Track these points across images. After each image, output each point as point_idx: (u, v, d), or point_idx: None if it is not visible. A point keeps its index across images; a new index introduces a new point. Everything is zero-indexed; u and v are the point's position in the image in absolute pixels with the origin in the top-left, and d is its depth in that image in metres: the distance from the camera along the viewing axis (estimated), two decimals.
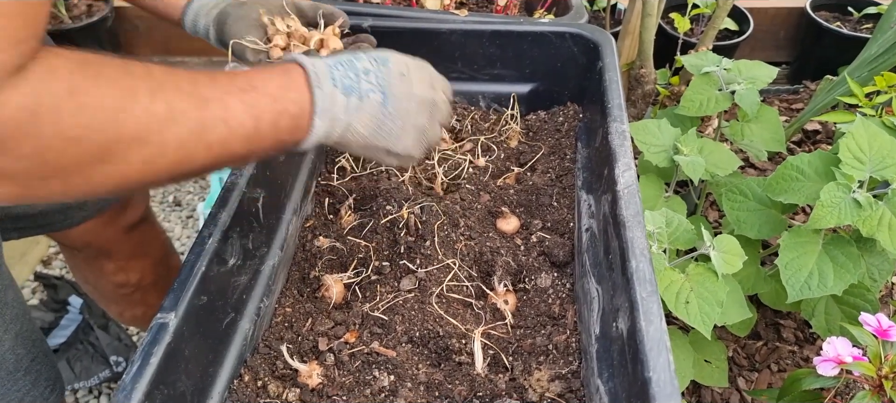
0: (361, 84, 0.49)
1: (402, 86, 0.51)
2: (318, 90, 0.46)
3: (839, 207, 0.75)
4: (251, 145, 0.44)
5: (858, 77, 1.07)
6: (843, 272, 0.78)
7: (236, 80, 0.44)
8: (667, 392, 0.42)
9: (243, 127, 0.43)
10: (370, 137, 0.50)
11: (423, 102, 0.53)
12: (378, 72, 0.50)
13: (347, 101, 0.48)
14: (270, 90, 0.45)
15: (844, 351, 0.67)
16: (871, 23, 1.81)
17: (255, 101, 0.43)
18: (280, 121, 0.45)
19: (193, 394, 0.53)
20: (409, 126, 0.52)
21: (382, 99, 0.49)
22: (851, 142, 0.78)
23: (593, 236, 0.66)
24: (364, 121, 0.49)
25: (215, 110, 0.41)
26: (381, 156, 0.52)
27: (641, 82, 1.29)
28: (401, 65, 0.52)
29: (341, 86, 0.47)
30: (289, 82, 0.46)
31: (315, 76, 0.47)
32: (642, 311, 0.47)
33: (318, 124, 0.46)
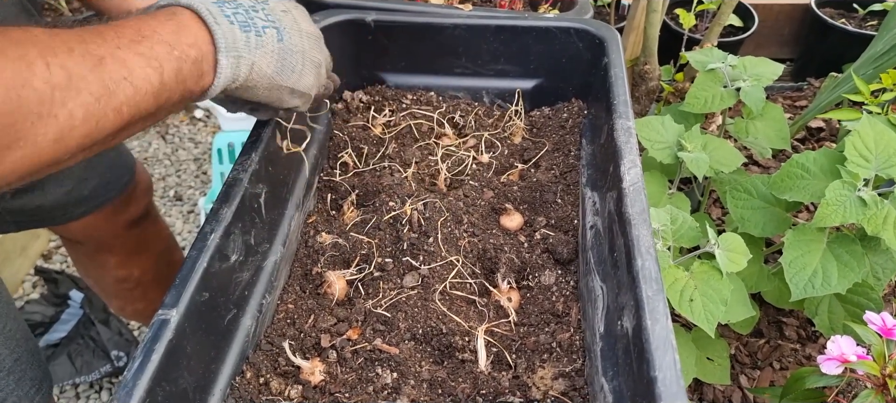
0: (255, 20, 0.46)
1: (290, 22, 0.49)
2: (217, 27, 0.44)
3: (844, 205, 0.75)
4: (159, 99, 0.40)
5: (864, 74, 1.06)
6: (848, 270, 0.78)
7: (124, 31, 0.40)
8: (672, 391, 0.42)
9: (148, 82, 0.39)
10: (275, 76, 0.48)
11: (313, 37, 0.52)
12: (264, 8, 0.48)
13: (247, 38, 0.45)
14: (164, 36, 0.41)
15: (849, 350, 0.67)
16: (876, 19, 1.80)
17: (152, 52, 0.40)
18: (182, 68, 0.42)
19: (195, 391, 0.52)
20: (307, 61, 0.50)
21: (277, 34, 0.48)
22: (857, 140, 0.78)
23: (598, 233, 0.65)
24: (266, 58, 0.47)
25: (114, 69, 0.38)
26: (284, 96, 0.51)
27: (646, 78, 1.29)
28: (281, 2, 0.51)
29: (237, 22, 0.45)
30: (179, 25, 0.43)
31: (208, 13, 0.44)
32: (648, 310, 0.46)
33: (224, 63, 0.44)
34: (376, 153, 0.83)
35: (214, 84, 0.44)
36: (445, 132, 0.86)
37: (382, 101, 0.89)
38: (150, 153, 1.84)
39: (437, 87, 0.91)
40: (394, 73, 0.91)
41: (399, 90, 0.90)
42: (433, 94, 0.90)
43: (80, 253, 1.00)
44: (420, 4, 0.96)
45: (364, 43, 0.87)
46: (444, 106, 0.89)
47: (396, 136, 0.86)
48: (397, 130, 0.86)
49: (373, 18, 0.85)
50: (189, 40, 0.42)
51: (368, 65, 0.89)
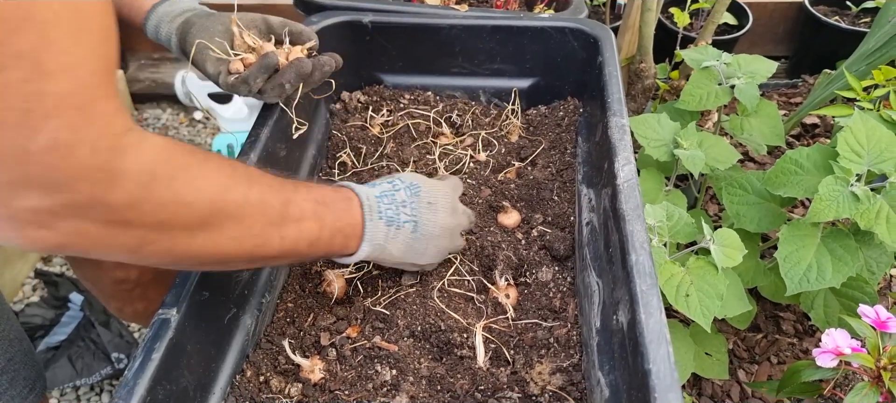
0: (400, 215, 0.57)
1: (430, 215, 0.60)
2: (370, 221, 0.55)
3: (837, 201, 0.75)
4: (311, 249, 0.51)
5: (856, 71, 1.07)
6: (842, 265, 0.78)
7: (313, 192, 0.52)
8: (666, 383, 0.42)
9: (311, 231, 0.50)
10: (400, 257, 0.58)
11: (446, 228, 0.61)
12: (412, 203, 0.59)
13: (387, 231, 0.56)
14: (336, 209, 0.53)
15: (843, 343, 0.68)
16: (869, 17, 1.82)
17: (324, 214, 0.51)
18: (336, 237, 0.53)
19: (195, 390, 0.53)
20: (432, 247, 0.60)
21: (413, 227, 0.58)
22: (849, 136, 0.78)
23: (594, 230, 0.66)
24: (397, 246, 0.57)
25: (294, 210, 0.49)
26: (406, 266, 0.62)
27: (641, 77, 1.29)
28: (430, 194, 0.60)
29: (385, 217, 0.56)
30: (349, 207, 0.55)
31: (368, 208, 0.55)
32: (642, 304, 0.47)
33: (365, 248, 0.55)
34: (374, 152, 0.84)
35: (352, 258, 0.56)
36: (443, 131, 0.87)
37: (380, 101, 0.90)
38: None
39: (434, 87, 0.91)
40: (391, 74, 0.91)
41: (397, 90, 0.91)
42: (430, 94, 0.91)
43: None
44: (417, 5, 0.97)
45: (362, 44, 0.87)
46: (441, 105, 0.90)
47: (394, 136, 0.86)
48: (395, 130, 0.87)
49: (370, 19, 0.85)
50: (350, 221, 0.54)
51: (366, 65, 0.90)
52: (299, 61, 0.65)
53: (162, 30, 0.68)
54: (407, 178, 0.61)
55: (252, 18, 0.68)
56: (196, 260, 0.44)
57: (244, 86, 0.64)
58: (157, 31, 0.68)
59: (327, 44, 0.82)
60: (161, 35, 0.68)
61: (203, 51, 0.64)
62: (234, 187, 0.44)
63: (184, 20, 0.67)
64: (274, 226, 0.47)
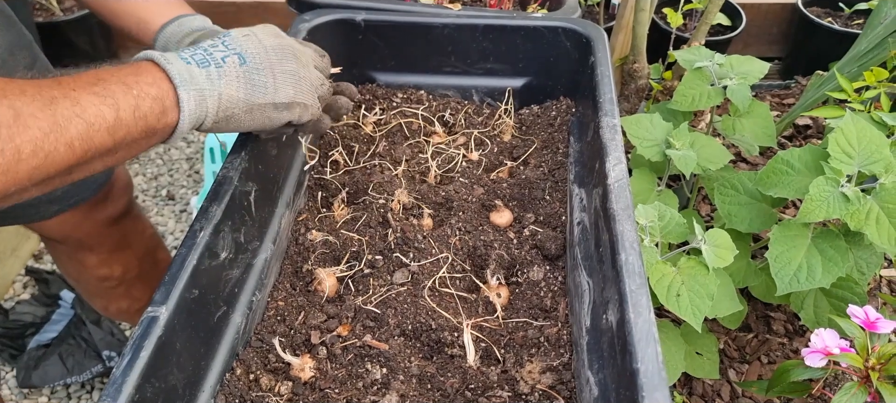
0: (214, 54, 0.49)
1: (252, 43, 0.52)
2: (170, 66, 0.47)
3: (828, 201, 0.76)
4: (116, 135, 0.43)
5: (848, 72, 1.08)
6: (832, 265, 0.79)
7: (81, 78, 0.43)
8: (654, 382, 0.42)
9: (102, 118, 0.42)
10: (247, 97, 0.50)
11: (280, 49, 0.53)
12: (224, 40, 0.51)
13: (208, 73, 0.48)
14: (121, 78, 0.44)
15: (832, 343, 0.68)
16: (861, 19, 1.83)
17: (107, 91, 0.43)
18: (141, 104, 0.44)
19: (185, 388, 0.53)
20: (279, 73, 0.52)
21: (239, 59, 0.50)
22: (840, 137, 0.79)
23: (585, 229, 0.66)
24: (233, 84, 0.49)
25: (66, 107, 0.40)
26: (270, 113, 0.52)
27: (634, 77, 1.30)
28: (243, 30, 0.54)
29: (194, 61, 0.48)
30: (138, 70, 0.46)
31: (163, 58, 0.47)
32: (631, 303, 0.47)
33: (185, 97, 0.46)
34: (367, 151, 0.83)
35: (181, 119, 0.47)
36: (435, 130, 0.87)
37: (373, 100, 0.90)
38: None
39: (427, 86, 0.91)
40: (384, 72, 0.91)
41: (389, 89, 0.91)
42: (423, 93, 0.91)
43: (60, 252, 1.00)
44: (409, 4, 0.97)
45: (354, 42, 0.87)
46: (434, 104, 0.90)
47: (387, 135, 0.86)
48: (388, 128, 0.86)
49: (363, 18, 0.85)
50: (148, 80, 0.45)
51: (359, 64, 0.89)
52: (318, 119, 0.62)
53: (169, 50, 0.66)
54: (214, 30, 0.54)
55: None
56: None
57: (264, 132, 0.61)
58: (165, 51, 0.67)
59: (320, 42, 0.82)
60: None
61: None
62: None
63: (191, 42, 0.66)
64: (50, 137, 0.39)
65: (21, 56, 0.77)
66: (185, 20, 0.67)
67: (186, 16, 0.68)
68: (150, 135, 0.46)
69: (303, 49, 0.57)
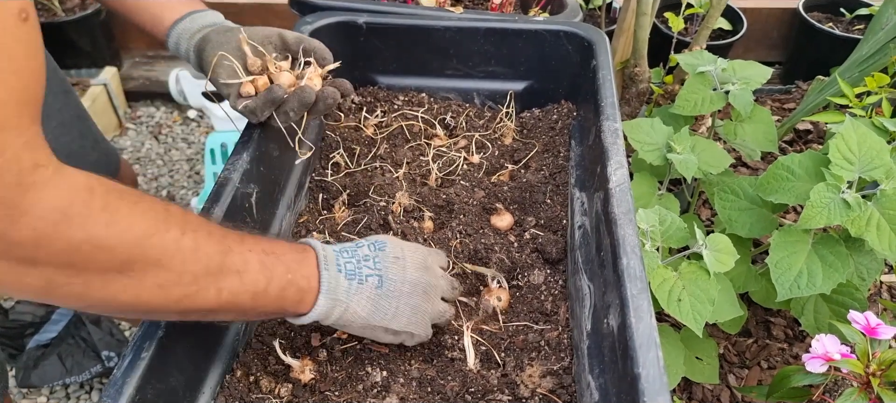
0: (362, 269, 0.54)
1: (397, 270, 0.55)
2: (326, 272, 0.51)
3: (829, 207, 0.76)
4: (256, 302, 0.47)
5: (849, 77, 1.08)
6: (832, 271, 0.79)
7: (261, 243, 0.49)
8: (655, 387, 0.42)
9: (255, 284, 0.46)
10: (367, 317, 0.53)
11: (417, 283, 0.56)
12: (376, 257, 0.55)
13: (349, 285, 0.52)
14: (286, 260, 0.49)
15: (833, 349, 0.68)
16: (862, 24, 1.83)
17: (272, 265, 0.48)
18: (288, 290, 0.49)
19: (185, 389, 0.53)
20: (403, 305, 0.55)
21: (378, 282, 0.54)
22: (841, 143, 0.79)
23: (586, 233, 0.66)
24: (362, 302, 0.53)
25: (235, 261, 0.45)
26: (380, 334, 0.56)
27: (636, 81, 1.30)
28: (396, 249, 0.57)
29: (345, 271, 0.53)
30: (303, 259, 0.51)
31: (324, 260, 0.52)
32: (632, 308, 0.47)
33: (322, 302, 0.51)
34: (368, 153, 0.84)
35: (308, 314, 0.51)
36: (437, 133, 0.87)
37: (374, 102, 0.90)
38: (142, 153, 1.84)
39: (428, 89, 0.91)
40: (386, 75, 0.91)
41: (391, 91, 0.91)
42: (425, 96, 0.91)
43: None
44: (411, 7, 0.97)
45: (356, 44, 0.87)
46: (435, 107, 0.90)
47: (388, 137, 0.86)
48: (389, 131, 0.87)
49: (365, 20, 0.85)
50: (305, 272, 0.50)
51: (360, 66, 0.90)
52: (302, 91, 0.63)
53: (181, 47, 0.67)
54: (373, 237, 0.58)
55: (266, 34, 0.66)
56: (116, 306, 0.41)
57: (252, 116, 0.63)
58: (177, 48, 0.68)
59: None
60: (180, 52, 0.68)
61: (218, 69, 0.63)
62: (162, 232, 0.41)
63: (202, 37, 0.65)
64: (209, 276, 0.44)
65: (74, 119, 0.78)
66: (198, 16, 0.67)
67: (198, 12, 0.68)
68: (280, 313, 0.51)
69: (437, 282, 0.59)
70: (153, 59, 2.05)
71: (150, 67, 2.02)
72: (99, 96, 1.78)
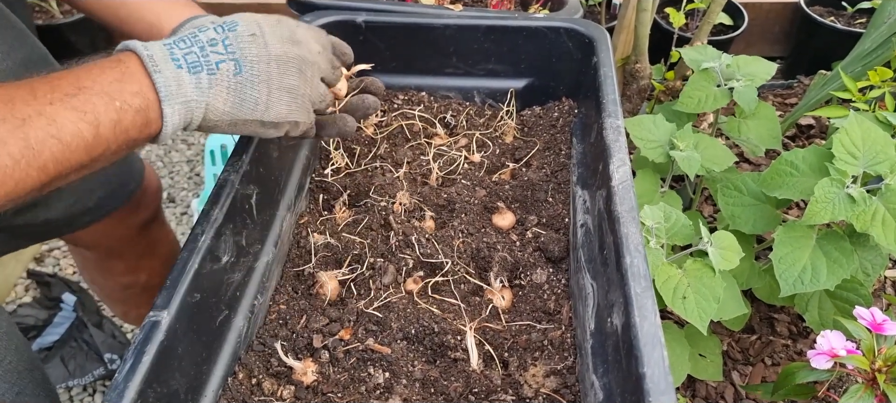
0: (209, 56, 0.44)
1: (256, 48, 0.46)
2: (158, 75, 0.42)
3: (833, 203, 0.75)
4: (93, 152, 0.40)
5: (852, 72, 1.07)
6: (837, 267, 0.78)
7: (60, 85, 0.39)
8: (661, 387, 0.42)
9: (80, 136, 0.39)
10: (233, 111, 0.45)
11: (286, 61, 0.47)
12: (225, 39, 0.46)
13: (198, 80, 0.44)
14: (104, 87, 0.40)
15: (838, 345, 0.68)
16: (864, 18, 1.82)
17: (88, 105, 0.39)
18: (123, 119, 0.41)
19: (187, 392, 0.52)
20: (275, 89, 0.47)
21: (235, 67, 0.45)
22: (845, 138, 0.78)
23: (588, 232, 0.66)
24: (221, 96, 0.45)
25: (40, 126, 0.37)
26: (256, 129, 0.48)
27: (637, 77, 1.29)
28: (252, 25, 0.47)
29: (186, 64, 0.43)
30: (123, 73, 0.42)
31: (151, 60, 0.42)
32: (636, 307, 0.47)
33: (169, 112, 0.42)
34: (368, 153, 0.83)
35: (162, 132, 0.43)
36: (437, 132, 0.87)
37: None
38: (142, 154, 1.83)
39: (428, 87, 0.91)
40: (385, 74, 0.91)
41: (390, 90, 0.91)
42: (424, 94, 0.90)
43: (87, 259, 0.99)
44: (410, 5, 0.96)
45: (355, 44, 0.86)
46: (435, 106, 0.89)
47: (388, 136, 0.86)
48: (389, 130, 0.86)
49: (363, 19, 0.85)
50: (133, 88, 0.41)
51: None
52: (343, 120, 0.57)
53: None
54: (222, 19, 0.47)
55: None
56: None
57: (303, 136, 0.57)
58: None
59: None
60: None
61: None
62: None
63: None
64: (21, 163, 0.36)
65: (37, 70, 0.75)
66: (197, 22, 0.63)
67: (198, 17, 0.64)
68: (130, 146, 0.44)
69: (313, 57, 0.51)
70: None
71: None
72: None
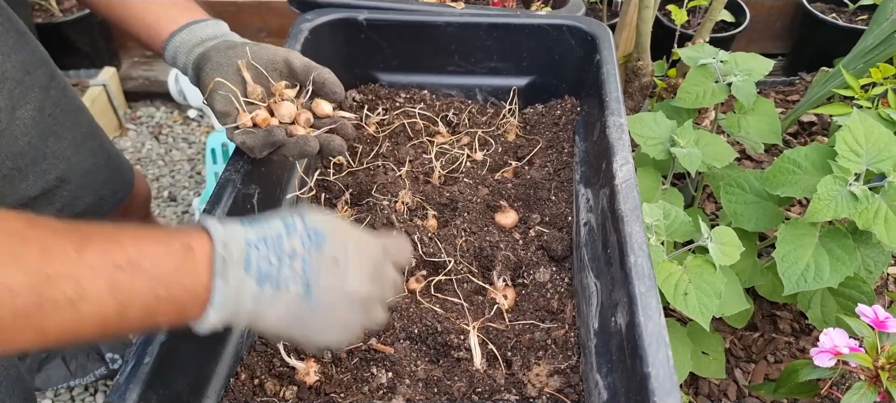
0: (283, 270, 0.41)
1: (333, 278, 0.42)
2: (221, 281, 0.38)
3: (836, 200, 0.75)
4: (106, 331, 0.36)
5: (854, 69, 1.07)
6: (839, 264, 0.78)
7: (114, 252, 0.36)
8: (666, 387, 0.42)
9: (101, 314, 0.35)
10: (283, 329, 0.42)
11: (356, 299, 0.44)
12: (306, 257, 0.41)
13: (260, 292, 0.40)
14: (157, 272, 0.37)
15: (841, 342, 0.67)
16: (866, 14, 1.81)
17: (130, 285, 0.36)
18: (159, 307, 0.37)
19: (189, 393, 0.52)
20: (332, 321, 0.43)
21: (303, 291, 0.41)
22: (848, 135, 0.78)
23: (592, 230, 0.65)
24: (278, 312, 0.40)
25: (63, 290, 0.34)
26: (302, 344, 0.45)
27: (638, 75, 1.29)
28: (338, 247, 0.43)
29: (256, 272, 0.39)
30: (185, 264, 0.38)
31: (222, 261, 0.38)
32: (641, 306, 0.47)
33: (213, 316, 0.38)
34: (370, 152, 0.83)
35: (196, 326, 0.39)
36: (439, 130, 0.86)
37: (376, 100, 0.89)
38: (143, 153, 1.83)
39: (430, 86, 0.90)
40: (387, 72, 0.91)
41: (392, 89, 0.90)
42: (426, 93, 0.90)
43: None
44: (412, 3, 0.96)
45: (357, 41, 0.86)
46: (437, 104, 0.89)
47: (390, 135, 0.86)
48: (391, 129, 0.86)
49: (365, 17, 0.84)
50: (186, 283, 0.38)
51: (361, 63, 0.89)
52: (304, 140, 0.57)
53: (179, 60, 0.63)
54: (313, 220, 0.43)
55: (271, 58, 0.60)
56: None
57: (250, 152, 0.58)
58: (174, 61, 0.63)
59: (322, 41, 0.81)
60: (178, 65, 0.63)
61: (214, 94, 0.58)
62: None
63: (200, 54, 0.61)
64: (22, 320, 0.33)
65: (37, 75, 0.74)
66: (197, 28, 0.63)
67: (198, 22, 0.63)
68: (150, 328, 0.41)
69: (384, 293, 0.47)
70: (152, 59, 2.04)
71: (150, 67, 2.01)
72: (98, 97, 1.77)
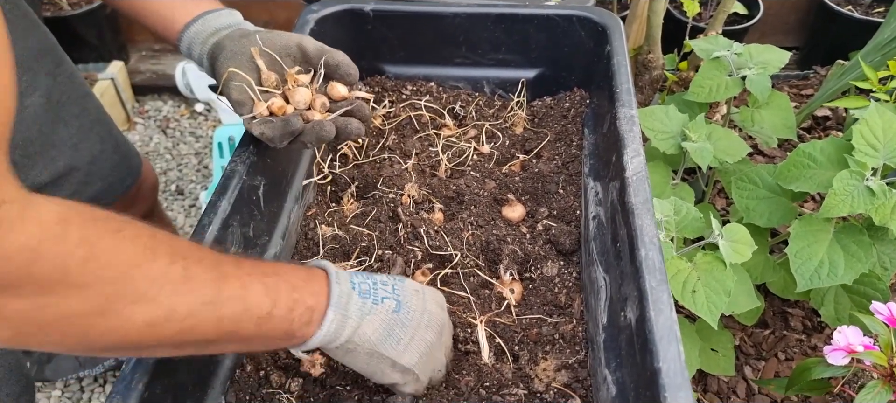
0: (378, 290, 0.50)
1: (417, 300, 0.52)
2: (336, 286, 0.48)
3: (852, 195, 0.74)
4: (261, 328, 0.43)
5: (871, 62, 1.04)
6: (854, 261, 0.77)
7: (260, 265, 0.45)
8: (676, 383, 0.41)
9: (259, 307, 0.43)
10: (378, 343, 0.49)
11: (434, 319, 0.53)
12: (395, 284, 0.52)
13: (362, 303, 0.49)
14: (292, 279, 0.46)
15: (855, 340, 0.66)
16: (883, 6, 1.78)
17: (276, 286, 0.44)
18: (295, 309, 0.45)
19: (195, 385, 0.52)
20: (418, 338, 0.51)
21: (396, 306, 0.50)
22: (865, 129, 0.76)
23: (600, 224, 0.64)
24: (374, 324, 0.49)
25: (233, 287, 0.41)
26: (384, 368, 0.51)
27: (649, 68, 1.27)
28: (416, 285, 0.54)
29: (359, 288, 0.49)
30: (310, 277, 0.47)
31: (335, 276, 0.48)
32: (652, 301, 0.46)
33: (331, 317, 0.47)
34: (376, 144, 0.82)
35: (316, 334, 0.46)
36: (446, 123, 0.85)
37: (382, 92, 0.88)
38: (151, 147, 1.84)
39: (437, 78, 0.90)
40: (393, 64, 0.90)
41: (398, 81, 0.90)
42: (433, 85, 0.89)
43: None
44: None
45: (363, 33, 0.86)
46: (444, 96, 0.88)
47: (396, 127, 0.85)
48: (397, 121, 0.85)
49: (371, 8, 0.83)
50: (313, 289, 0.47)
51: (367, 55, 0.88)
52: (321, 126, 0.58)
53: (194, 52, 0.63)
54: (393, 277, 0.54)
55: (285, 44, 0.61)
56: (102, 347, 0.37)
57: (270, 143, 0.59)
58: (189, 52, 0.63)
59: (328, 32, 0.81)
60: (193, 56, 0.63)
61: (229, 84, 0.58)
62: (148, 261, 0.37)
63: (215, 43, 0.61)
64: (206, 308, 0.40)
65: (45, 61, 0.75)
66: (211, 17, 0.63)
67: (212, 12, 0.63)
68: (288, 339, 0.46)
69: (449, 331, 0.57)
70: (160, 53, 2.05)
71: (157, 61, 2.02)
72: (106, 91, 1.78)
